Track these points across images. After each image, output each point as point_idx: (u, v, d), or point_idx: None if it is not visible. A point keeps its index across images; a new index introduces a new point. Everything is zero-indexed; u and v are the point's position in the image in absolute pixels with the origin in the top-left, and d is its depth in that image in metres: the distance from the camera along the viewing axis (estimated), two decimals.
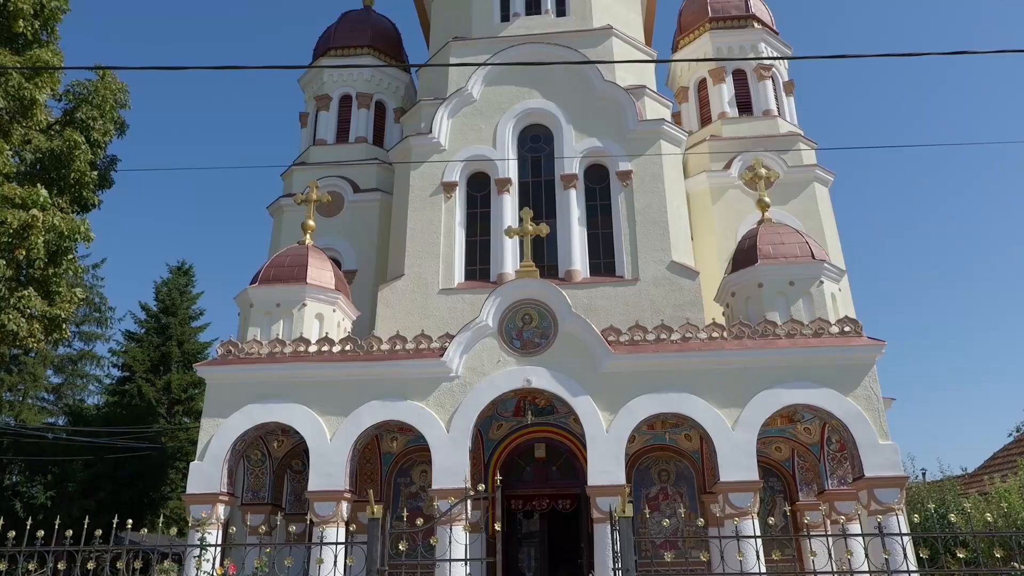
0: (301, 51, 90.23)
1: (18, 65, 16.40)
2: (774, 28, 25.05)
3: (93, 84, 18.30)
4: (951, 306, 72.62)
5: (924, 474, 23.27)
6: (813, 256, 16.26)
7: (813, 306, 15.77)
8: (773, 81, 23.78)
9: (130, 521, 13.55)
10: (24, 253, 15.48)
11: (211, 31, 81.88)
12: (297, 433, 14.98)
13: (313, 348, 15.34)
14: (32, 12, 17.09)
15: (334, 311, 17.14)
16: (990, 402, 69.43)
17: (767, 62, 23.49)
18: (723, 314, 17.60)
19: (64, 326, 17.53)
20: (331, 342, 15.38)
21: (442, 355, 14.93)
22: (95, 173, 18.37)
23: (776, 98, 23.57)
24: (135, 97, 18.75)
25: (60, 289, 17.01)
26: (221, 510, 14.41)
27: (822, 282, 16.00)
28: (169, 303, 34.22)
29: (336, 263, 19.88)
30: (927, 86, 79.45)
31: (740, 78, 23.86)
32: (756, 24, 24.38)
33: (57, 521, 9.93)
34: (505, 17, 22.73)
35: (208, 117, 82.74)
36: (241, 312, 17.12)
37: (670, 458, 17.61)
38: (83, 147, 17.48)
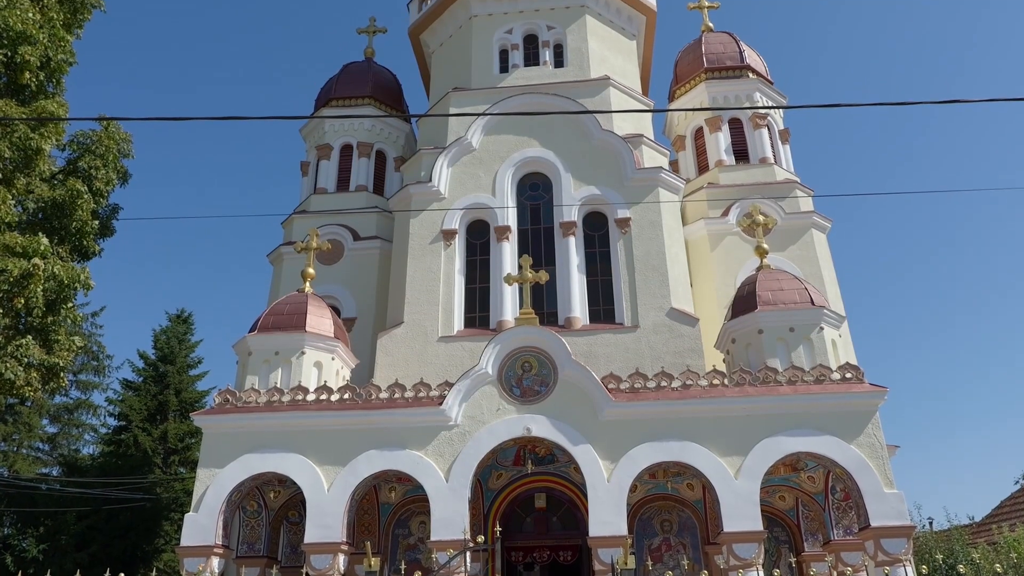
0: (303, 101, 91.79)
1: (24, 116, 16.62)
2: (768, 78, 25.49)
3: (97, 134, 18.51)
4: (954, 351, 72.42)
5: (931, 523, 22.92)
6: (812, 302, 16.27)
7: (814, 352, 15.74)
8: (769, 129, 24.12)
9: (122, 575, 13.25)
10: (23, 302, 15.47)
11: (214, 80, 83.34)
12: (294, 483, 14.78)
13: (311, 397, 15.23)
14: (39, 64, 17.39)
15: (333, 359, 17.07)
16: (996, 448, 68.73)
17: (762, 111, 23.85)
18: (724, 361, 17.53)
19: (62, 375, 17.40)
20: (329, 390, 15.28)
21: (441, 403, 14.82)
22: (96, 222, 18.45)
23: (772, 146, 23.87)
24: (137, 144, 18.94)
25: (59, 338, 16.95)
26: (215, 563, 14.13)
27: (822, 328, 15.98)
28: (167, 351, 34.07)
29: (335, 311, 19.88)
30: (921, 131, 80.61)
31: (736, 127, 24.21)
32: (751, 74, 24.83)
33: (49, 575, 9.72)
34: (504, 68, 23.17)
35: (210, 165, 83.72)
36: (240, 360, 17.04)
37: (672, 508, 17.33)
38: (85, 196, 17.59)
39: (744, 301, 16.78)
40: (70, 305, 16.82)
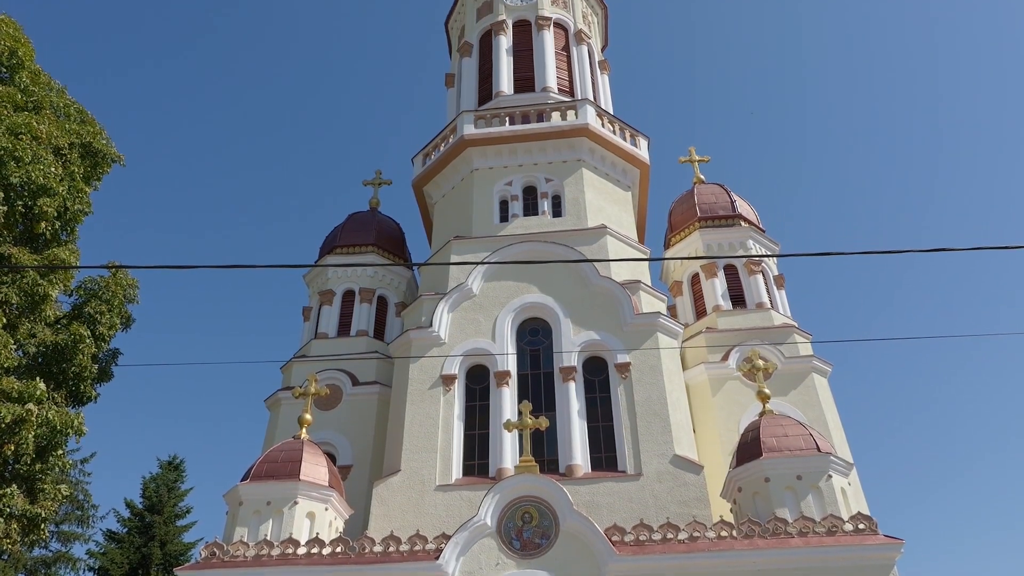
0: (307, 248, 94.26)
1: (35, 263, 16.99)
2: (760, 226, 26.35)
3: (105, 280, 18.83)
4: (969, 497, 70.09)
5: None
6: (818, 448, 15.94)
7: (824, 502, 15.25)
8: (764, 275, 24.63)
9: None
10: (13, 448, 15.14)
11: (222, 226, 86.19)
12: None
13: (302, 550, 14.59)
14: (56, 214, 18.01)
15: (326, 509, 16.49)
16: None
17: (756, 258, 24.46)
18: (731, 511, 16.93)
19: (43, 526, 16.72)
20: (321, 543, 14.66)
21: (438, 557, 14.17)
22: (96, 367, 18.41)
23: (768, 291, 24.29)
24: (142, 290, 19.21)
25: (44, 486, 16.43)
26: None
27: (830, 476, 15.57)
28: (155, 500, 32.99)
29: (331, 458, 19.41)
30: (913, 276, 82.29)
31: (732, 272, 24.74)
32: (743, 223, 25.68)
33: None
34: (504, 218, 23.97)
35: (212, 309, 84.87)
36: (230, 511, 16.46)
37: None
38: (88, 341, 17.64)
39: (749, 448, 16.44)
40: (60, 452, 16.44)
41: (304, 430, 17.66)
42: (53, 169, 16.69)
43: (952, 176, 79.80)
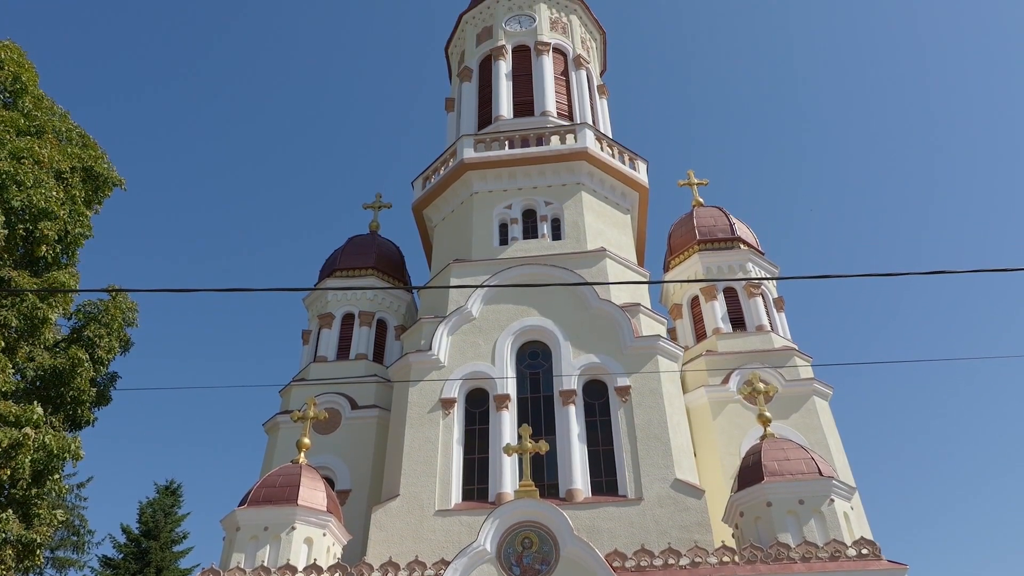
0: (307, 271, 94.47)
1: (35, 286, 16.98)
2: (759, 249, 26.41)
3: (104, 304, 18.79)
4: (974, 521, 69.51)
5: None
6: (820, 472, 15.85)
7: (826, 526, 15.13)
8: (763, 298, 24.62)
9: None
10: (8, 473, 15.02)
11: (221, 251, 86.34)
12: None
13: None
14: (56, 238, 18.03)
15: (324, 535, 16.34)
16: None
17: (756, 281, 24.48)
18: (732, 535, 16.78)
19: (39, 552, 16.54)
20: (319, 570, 14.52)
21: None
22: (94, 390, 18.32)
23: (768, 314, 24.27)
24: (141, 313, 19.16)
25: (40, 511, 16.29)
26: None
27: (833, 500, 15.46)
28: (152, 525, 32.68)
29: (330, 482, 19.29)
30: (914, 298, 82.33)
31: (731, 295, 24.74)
32: (742, 245, 25.74)
33: None
34: (504, 241, 24.01)
35: (211, 333, 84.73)
36: (227, 536, 16.31)
37: None
38: (86, 365, 17.57)
39: (750, 472, 16.34)
40: (56, 477, 16.32)
41: (302, 454, 17.55)
42: (54, 193, 16.74)
43: (951, 197, 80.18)
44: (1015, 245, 72.64)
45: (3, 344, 15.80)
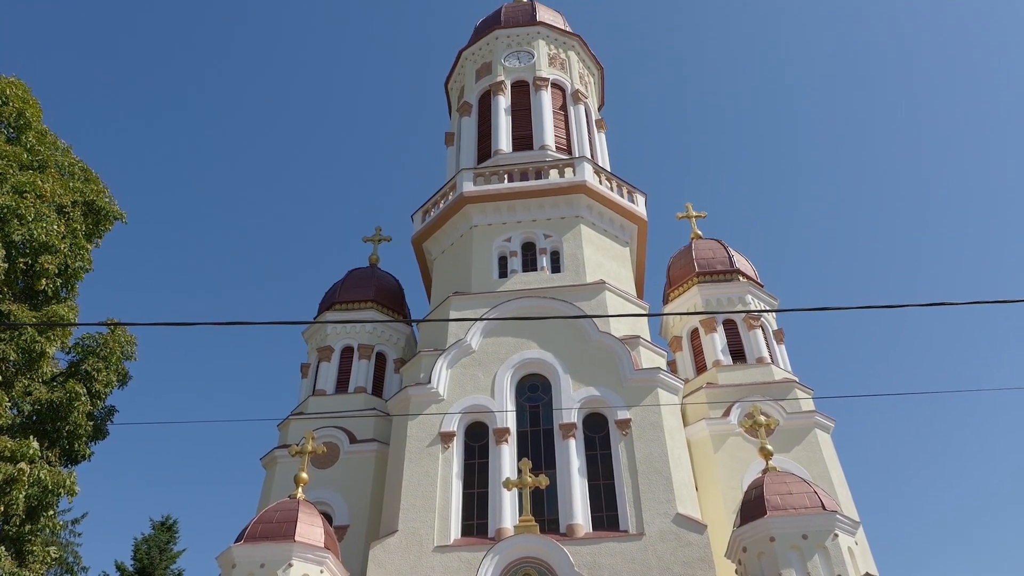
0: (307, 304, 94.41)
1: (34, 320, 16.96)
2: (758, 281, 26.45)
3: (103, 337, 18.77)
4: (981, 555, 68.54)
5: None
6: (824, 507, 15.69)
7: (831, 562, 14.93)
8: (763, 330, 24.59)
9: None
10: (2, 509, 14.86)
11: (221, 284, 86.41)
12: None
13: None
14: (56, 272, 18.06)
15: (322, 572, 16.11)
16: None
17: (756, 313, 24.50)
18: (736, 572, 16.54)
19: None
20: None
21: None
22: (91, 424, 18.20)
23: (768, 346, 24.22)
24: (139, 346, 19.11)
25: (34, 548, 16.09)
26: None
27: (837, 535, 15.28)
28: (147, 563, 32.20)
29: (327, 518, 19.08)
30: (914, 329, 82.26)
31: (731, 327, 24.71)
32: (741, 278, 25.79)
33: None
34: (503, 273, 24.06)
35: (209, 366, 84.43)
36: (222, 573, 16.07)
37: None
38: (83, 399, 17.48)
39: (752, 506, 16.17)
40: (51, 513, 16.15)
41: (300, 489, 17.39)
42: (55, 227, 16.82)
43: (950, 227, 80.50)
44: (1016, 274, 72.75)
45: (1, 378, 15.73)
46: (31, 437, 16.03)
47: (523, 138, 28.62)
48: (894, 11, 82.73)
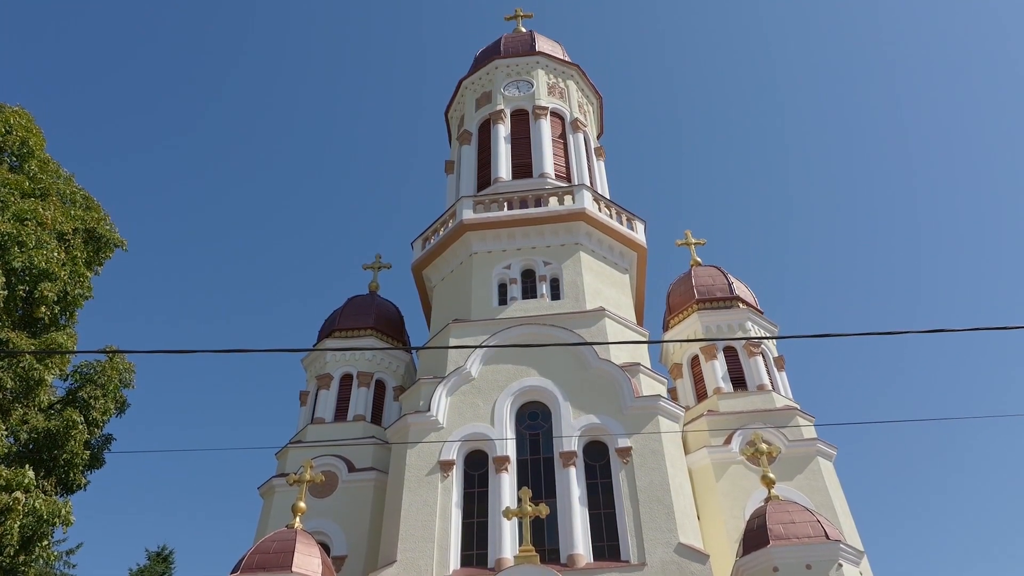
0: (306, 332, 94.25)
1: (33, 347, 16.90)
2: (758, 307, 26.44)
3: (101, 365, 18.69)
4: None
5: None
6: (827, 536, 15.52)
7: None
8: (764, 357, 24.53)
9: None
10: None
11: (220, 311, 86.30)
12: None
13: None
14: (56, 299, 18.03)
15: None
16: None
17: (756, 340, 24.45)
18: None
19: None
20: None
21: None
22: (88, 453, 18.04)
23: (768, 373, 24.14)
24: (137, 374, 19.02)
25: None
26: None
27: (841, 565, 15.12)
28: None
29: (325, 548, 18.86)
30: (913, 356, 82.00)
31: (731, 354, 24.65)
32: (741, 304, 25.79)
33: None
34: (503, 301, 24.04)
35: (207, 394, 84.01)
36: None
37: None
38: (80, 427, 17.35)
39: (755, 535, 16.00)
40: (45, 543, 15.95)
41: (298, 519, 17.21)
42: (56, 254, 16.82)
43: (950, 254, 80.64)
44: (1018, 298, 72.72)
45: None
46: (27, 466, 15.89)
47: (523, 166, 28.80)
48: (892, 44, 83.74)
